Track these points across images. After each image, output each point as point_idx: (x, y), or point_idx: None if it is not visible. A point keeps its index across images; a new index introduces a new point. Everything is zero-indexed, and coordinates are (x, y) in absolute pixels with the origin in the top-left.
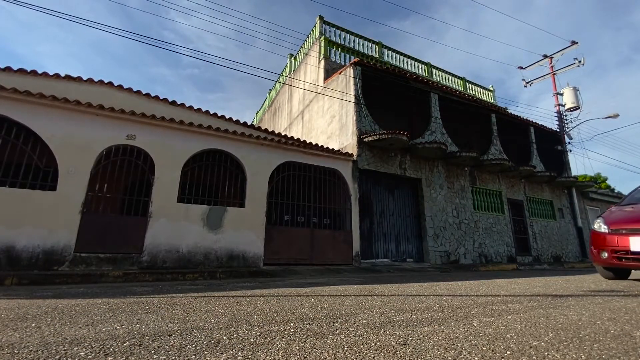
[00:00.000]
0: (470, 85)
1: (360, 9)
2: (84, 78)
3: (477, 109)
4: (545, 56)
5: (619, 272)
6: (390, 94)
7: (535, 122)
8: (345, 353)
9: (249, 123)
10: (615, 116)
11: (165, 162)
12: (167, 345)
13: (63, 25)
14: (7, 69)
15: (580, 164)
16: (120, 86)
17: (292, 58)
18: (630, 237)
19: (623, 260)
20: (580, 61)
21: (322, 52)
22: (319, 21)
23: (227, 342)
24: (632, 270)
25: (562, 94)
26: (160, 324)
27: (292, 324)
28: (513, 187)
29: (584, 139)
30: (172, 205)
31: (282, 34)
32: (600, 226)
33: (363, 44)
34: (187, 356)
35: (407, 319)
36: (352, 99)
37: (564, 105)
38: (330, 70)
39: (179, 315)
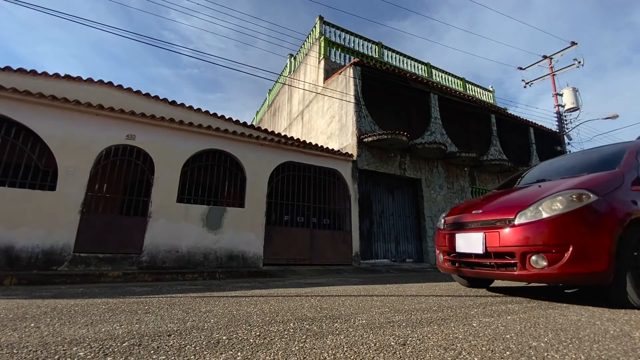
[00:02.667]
0: (470, 85)
1: (360, 9)
2: (84, 78)
3: (476, 110)
4: (545, 57)
5: (473, 280)
6: (390, 94)
7: (535, 123)
8: (344, 353)
9: (248, 123)
10: (615, 117)
11: (165, 162)
12: (166, 345)
13: (63, 25)
14: (7, 69)
15: None
16: (120, 86)
17: (292, 58)
18: (456, 233)
19: (457, 264)
20: (579, 62)
21: (322, 52)
22: (318, 21)
23: (226, 342)
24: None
25: (561, 95)
26: (160, 324)
27: (291, 324)
28: None
29: (583, 139)
30: (171, 205)
31: (282, 34)
32: (440, 221)
33: (363, 44)
34: (186, 356)
35: (407, 319)
36: (352, 99)
37: (563, 106)
38: (330, 70)
39: (178, 315)
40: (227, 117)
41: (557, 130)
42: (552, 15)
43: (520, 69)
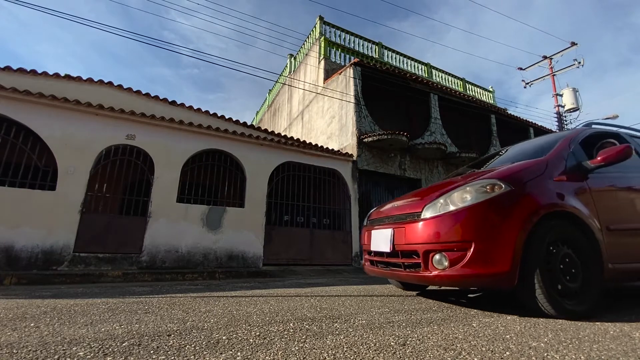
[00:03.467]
0: (470, 86)
1: (360, 10)
2: (84, 78)
3: (476, 110)
4: (545, 57)
5: (405, 282)
6: (390, 94)
7: (535, 123)
8: (344, 353)
9: (248, 123)
10: (615, 117)
11: (165, 162)
12: (166, 345)
13: (63, 25)
14: (7, 69)
15: None
16: (120, 86)
17: (292, 58)
18: (373, 230)
19: (375, 264)
20: (579, 62)
21: (322, 52)
22: (319, 22)
23: (226, 342)
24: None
25: (561, 95)
26: (160, 324)
27: (291, 324)
28: None
29: None
30: (171, 205)
31: (282, 34)
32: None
33: (363, 45)
34: (186, 356)
35: (407, 319)
36: (352, 99)
37: (563, 106)
38: (330, 70)
39: (178, 315)
40: (227, 117)
41: (557, 131)
42: (553, 15)
43: (520, 69)
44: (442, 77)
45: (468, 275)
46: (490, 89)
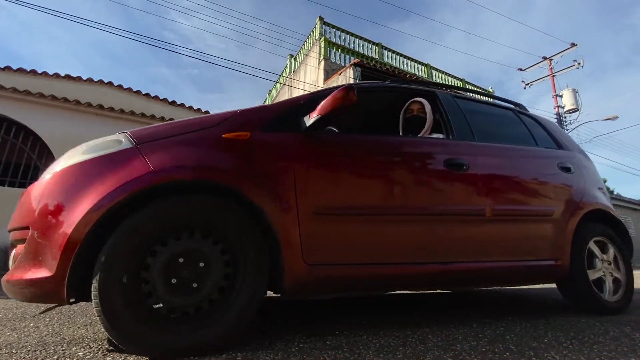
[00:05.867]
0: (469, 86)
1: (360, 10)
2: (84, 77)
3: None
4: (545, 58)
5: None
6: None
7: None
8: (344, 354)
9: None
10: (615, 118)
11: None
12: None
13: (63, 25)
14: (7, 68)
15: None
16: (120, 86)
17: (292, 59)
18: None
19: None
20: (579, 63)
21: (322, 52)
22: (319, 22)
23: None
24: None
25: (561, 96)
26: None
27: (291, 324)
28: None
29: (583, 140)
30: None
31: (282, 34)
32: None
33: (363, 45)
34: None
35: (407, 319)
36: None
37: (563, 107)
38: (330, 71)
39: None
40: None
41: None
42: (553, 16)
43: (520, 70)
44: (442, 77)
45: (17, 283)
46: (490, 90)
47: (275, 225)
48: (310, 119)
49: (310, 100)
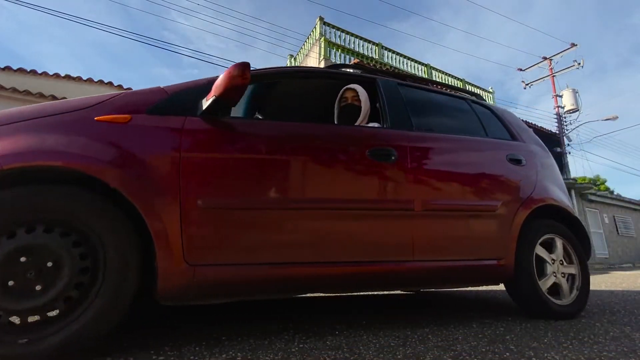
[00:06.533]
0: (469, 86)
1: (360, 10)
2: (84, 78)
3: None
4: (545, 58)
5: None
6: None
7: (535, 124)
8: (344, 354)
9: None
10: (614, 118)
11: None
12: (166, 345)
13: (64, 25)
14: (7, 68)
15: (579, 165)
16: (120, 86)
17: (292, 59)
18: None
19: None
20: (579, 63)
21: (322, 53)
22: (319, 22)
23: (226, 343)
24: None
25: (561, 96)
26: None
27: (291, 325)
28: None
29: (583, 140)
30: None
31: (282, 34)
32: None
33: (363, 45)
34: (185, 355)
35: (407, 319)
36: None
37: (563, 107)
38: None
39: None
40: None
41: (557, 132)
42: (553, 17)
43: (520, 70)
44: (442, 77)
45: None
46: (490, 90)
47: (148, 221)
48: (207, 101)
49: (212, 83)
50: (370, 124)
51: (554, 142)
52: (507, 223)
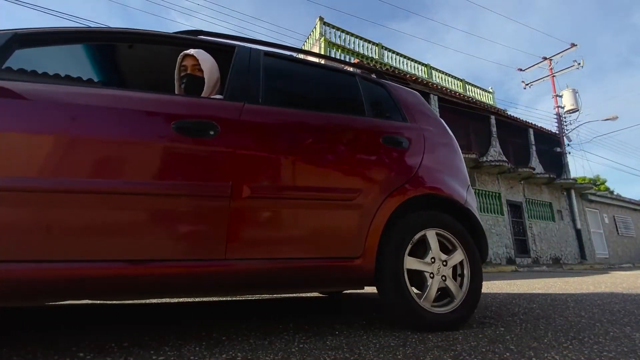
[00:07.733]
0: (469, 86)
1: (360, 10)
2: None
3: (476, 111)
4: (545, 58)
5: None
6: None
7: (535, 124)
8: (344, 354)
9: None
10: (614, 118)
11: None
12: (166, 345)
13: (63, 25)
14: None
15: (579, 165)
16: None
17: None
18: None
19: None
20: (579, 63)
21: (322, 53)
22: (319, 22)
23: (226, 343)
24: None
25: (561, 96)
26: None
27: (291, 325)
28: (512, 188)
29: (583, 140)
30: None
31: (282, 34)
32: None
33: (363, 45)
34: (186, 356)
35: None
36: None
37: (563, 107)
38: None
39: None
40: None
41: (557, 132)
42: (553, 17)
43: (520, 70)
44: (442, 77)
45: None
46: (490, 90)
47: None
48: None
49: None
50: (216, 96)
51: (554, 142)
52: (367, 215)
